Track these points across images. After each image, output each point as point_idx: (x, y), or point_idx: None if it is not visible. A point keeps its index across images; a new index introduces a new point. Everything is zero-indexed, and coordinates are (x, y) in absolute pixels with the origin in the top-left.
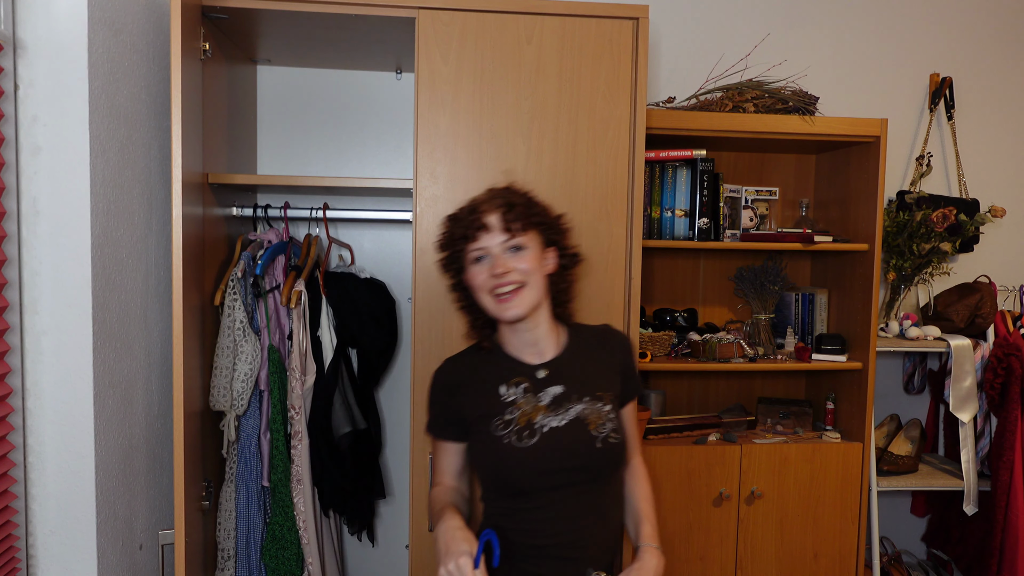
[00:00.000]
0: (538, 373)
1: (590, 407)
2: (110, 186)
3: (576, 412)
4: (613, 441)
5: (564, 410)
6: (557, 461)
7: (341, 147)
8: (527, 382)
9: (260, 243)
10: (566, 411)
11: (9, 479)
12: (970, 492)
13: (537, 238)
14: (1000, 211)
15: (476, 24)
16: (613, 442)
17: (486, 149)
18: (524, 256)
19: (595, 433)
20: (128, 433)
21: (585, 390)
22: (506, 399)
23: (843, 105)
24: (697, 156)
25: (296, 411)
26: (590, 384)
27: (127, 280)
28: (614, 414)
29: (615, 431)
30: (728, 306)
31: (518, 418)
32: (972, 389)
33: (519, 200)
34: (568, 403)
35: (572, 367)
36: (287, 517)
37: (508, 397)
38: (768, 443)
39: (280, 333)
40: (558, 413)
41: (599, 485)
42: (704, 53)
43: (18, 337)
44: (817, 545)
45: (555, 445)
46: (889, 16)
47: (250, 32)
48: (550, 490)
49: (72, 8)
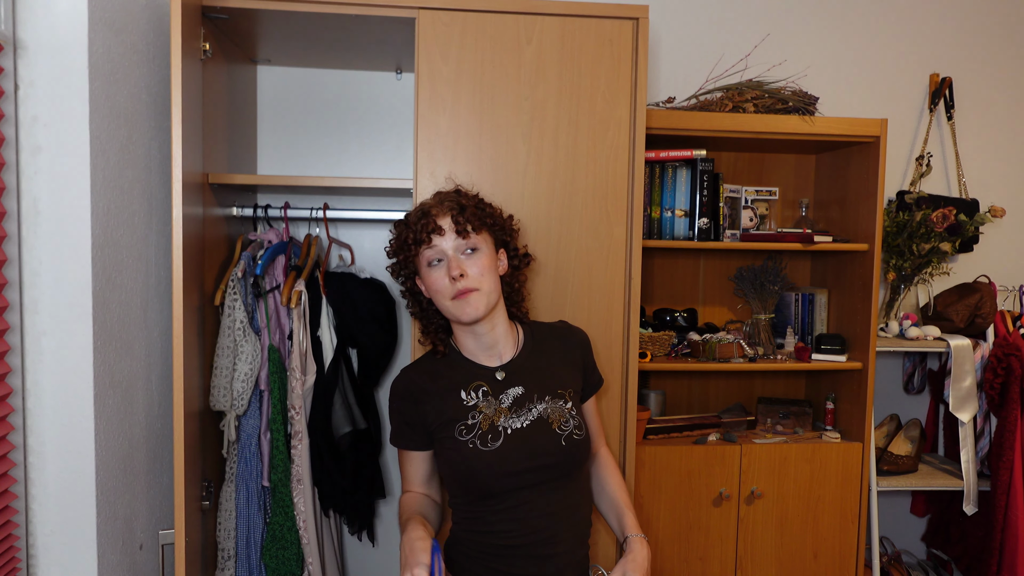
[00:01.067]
0: (497, 375)
1: (551, 406)
2: (110, 186)
3: (538, 412)
4: (577, 438)
5: (526, 411)
6: (523, 462)
7: (341, 147)
8: (486, 385)
9: (260, 243)
10: (528, 411)
11: (9, 479)
12: (970, 492)
13: (489, 240)
14: (1000, 211)
15: (476, 24)
16: (577, 438)
17: (486, 149)
18: (477, 258)
19: (558, 431)
20: (128, 433)
21: (545, 389)
22: (467, 404)
23: (843, 105)
24: (697, 156)
25: (296, 411)
26: (550, 383)
27: (127, 280)
28: (576, 410)
29: (578, 428)
30: (728, 306)
31: (480, 422)
32: (972, 389)
33: (469, 202)
34: (529, 403)
35: (531, 367)
36: (287, 517)
37: (469, 402)
38: (768, 443)
39: (280, 333)
40: (520, 414)
41: (566, 481)
42: (704, 53)
43: (18, 337)
44: (817, 545)
45: (520, 446)
46: (889, 16)
47: (250, 32)
48: (518, 490)
49: (72, 8)
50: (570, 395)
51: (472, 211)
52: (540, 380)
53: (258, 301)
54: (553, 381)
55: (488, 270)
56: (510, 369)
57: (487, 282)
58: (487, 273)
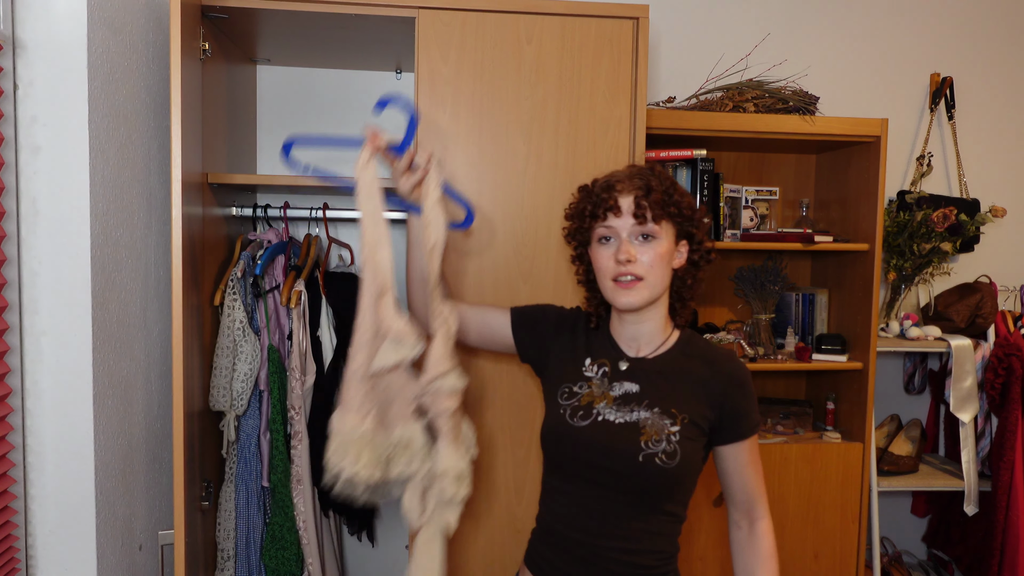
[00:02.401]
0: (621, 364)
1: (654, 418)
2: (110, 186)
3: (637, 417)
4: (660, 464)
5: (628, 410)
6: (596, 455)
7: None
8: (608, 367)
9: (260, 243)
10: (630, 411)
11: (9, 479)
12: (971, 492)
13: (670, 229)
14: (1000, 211)
15: (476, 24)
16: (660, 464)
17: (486, 149)
18: (652, 246)
19: (644, 446)
20: (128, 433)
21: (659, 400)
22: (585, 373)
23: (843, 105)
24: (697, 156)
25: (296, 411)
26: (669, 397)
27: (127, 280)
28: (679, 438)
29: (669, 455)
30: (728, 306)
31: (583, 396)
32: (973, 389)
33: (659, 186)
34: (636, 404)
35: (659, 373)
36: (287, 517)
37: (587, 372)
38: (768, 443)
39: (280, 333)
40: (621, 410)
41: (632, 502)
42: (704, 53)
43: (18, 337)
44: (817, 545)
45: (601, 438)
46: (889, 16)
47: (250, 32)
48: (582, 481)
49: (72, 8)
50: (683, 421)
51: (659, 196)
52: (660, 389)
53: (258, 301)
54: (673, 397)
55: (660, 261)
56: (639, 365)
57: (655, 274)
58: (658, 264)
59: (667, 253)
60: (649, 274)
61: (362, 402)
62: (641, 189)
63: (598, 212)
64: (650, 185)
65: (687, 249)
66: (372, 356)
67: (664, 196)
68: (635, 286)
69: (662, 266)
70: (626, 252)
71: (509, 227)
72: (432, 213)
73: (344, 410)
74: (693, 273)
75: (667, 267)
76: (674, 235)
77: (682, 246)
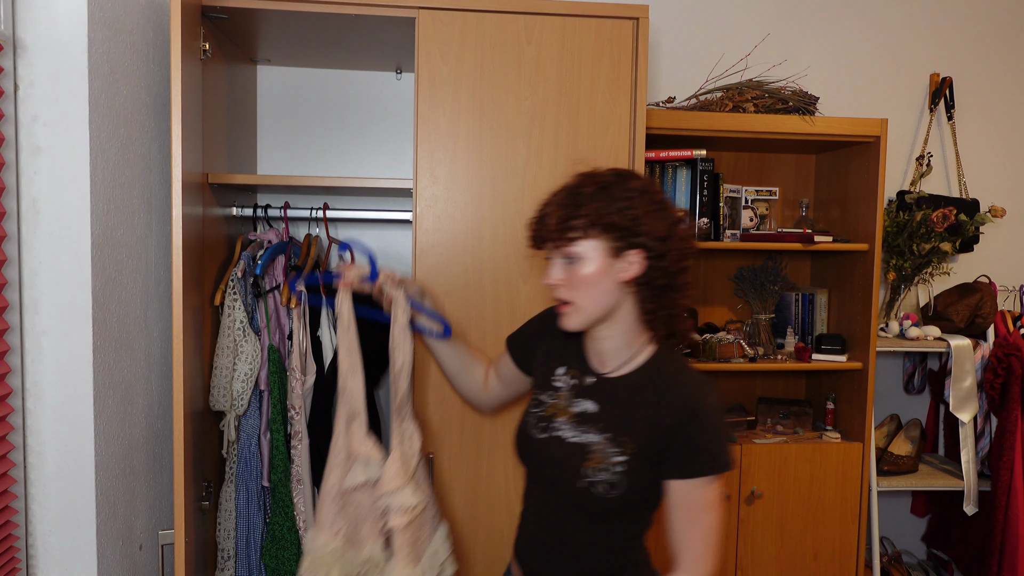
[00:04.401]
0: (587, 379)
1: (604, 445)
2: (110, 186)
3: (588, 440)
4: (599, 493)
5: (583, 430)
6: (547, 468)
7: (341, 147)
8: (577, 379)
9: (260, 243)
10: (583, 432)
11: (9, 479)
12: (970, 492)
13: (602, 245)
14: (1000, 211)
15: (476, 24)
16: (598, 493)
17: (486, 149)
18: (574, 268)
19: (584, 472)
20: (128, 433)
21: (613, 425)
22: (554, 382)
23: (843, 105)
24: (697, 156)
25: (296, 411)
26: (623, 423)
27: (127, 280)
28: (624, 468)
29: (611, 485)
30: (728, 306)
31: (548, 407)
32: (972, 389)
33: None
34: (590, 426)
35: (619, 395)
36: (287, 517)
37: (556, 381)
38: (768, 443)
39: (280, 333)
40: (576, 429)
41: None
42: (704, 53)
43: (18, 337)
44: (817, 545)
45: (552, 454)
46: (889, 16)
47: (250, 32)
48: (541, 488)
49: (72, 8)
50: (630, 450)
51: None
52: (616, 413)
53: (258, 301)
54: (628, 424)
55: (585, 283)
56: (602, 384)
57: (582, 296)
58: (583, 287)
59: (594, 274)
60: (576, 297)
61: (334, 520)
62: (567, 206)
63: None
64: (579, 198)
65: (642, 258)
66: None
67: (598, 207)
68: (565, 310)
69: (588, 288)
70: (548, 277)
71: (509, 227)
72: (400, 337)
73: (317, 529)
74: (661, 281)
75: (600, 287)
76: (609, 250)
77: (632, 256)
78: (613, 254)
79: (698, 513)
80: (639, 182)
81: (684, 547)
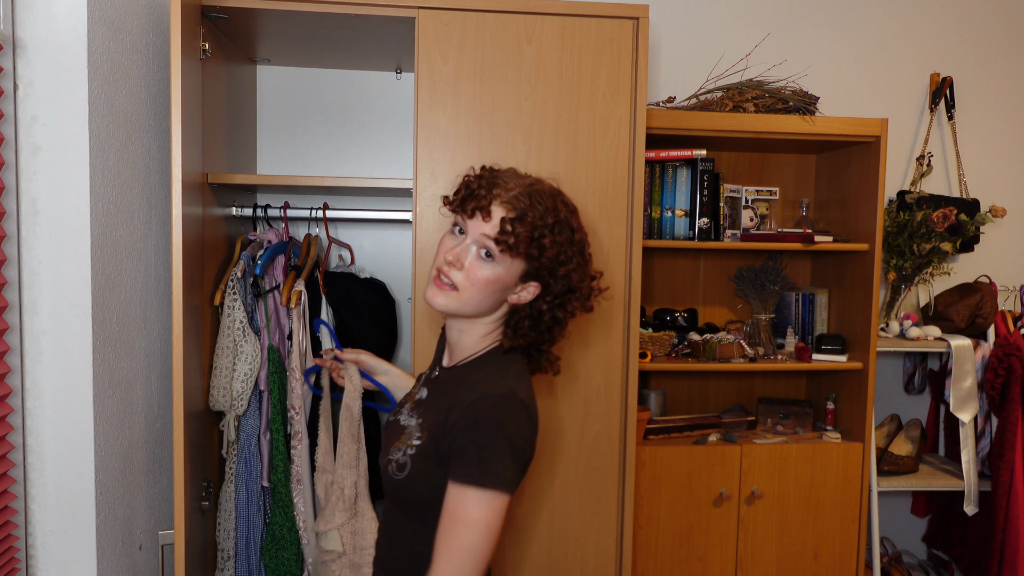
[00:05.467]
0: (435, 372)
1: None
2: (110, 186)
3: (407, 422)
4: (391, 472)
5: (410, 414)
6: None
7: (341, 147)
8: (430, 372)
9: (260, 243)
10: (409, 416)
11: (9, 479)
12: (970, 492)
13: (519, 264)
14: (1000, 211)
15: (476, 24)
16: (390, 472)
17: (486, 149)
18: (485, 268)
19: (390, 451)
20: (128, 433)
21: (426, 412)
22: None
23: (843, 105)
24: (697, 156)
25: (296, 411)
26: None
27: (127, 280)
28: (414, 451)
29: (399, 466)
30: (728, 306)
31: (408, 396)
32: (972, 389)
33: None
34: (416, 410)
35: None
36: (287, 517)
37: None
38: (768, 443)
39: (280, 333)
40: (410, 413)
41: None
42: (704, 53)
43: (18, 337)
44: (817, 545)
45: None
46: (889, 16)
47: (250, 32)
48: None
49: (72, 8)
50: (424, 436)
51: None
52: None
53: (258, 301)
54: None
55: (484, 286)
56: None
57: (472, 294)
58: (479, 287)
59: (496, 282)
60: (465, 290)
61: None
62: (516, 211)
63: (466, 206)
64: (525, 209)
65: (536, 292)
66: None
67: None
68: (447, 291)
69: (483, 291)
70: (456, 255)
71: None
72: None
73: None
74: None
75: (491, 296)
76: (520, 272)
77: (530, 287)
78: (522, 279)
79: (452, 524)
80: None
81: (435, 557)
